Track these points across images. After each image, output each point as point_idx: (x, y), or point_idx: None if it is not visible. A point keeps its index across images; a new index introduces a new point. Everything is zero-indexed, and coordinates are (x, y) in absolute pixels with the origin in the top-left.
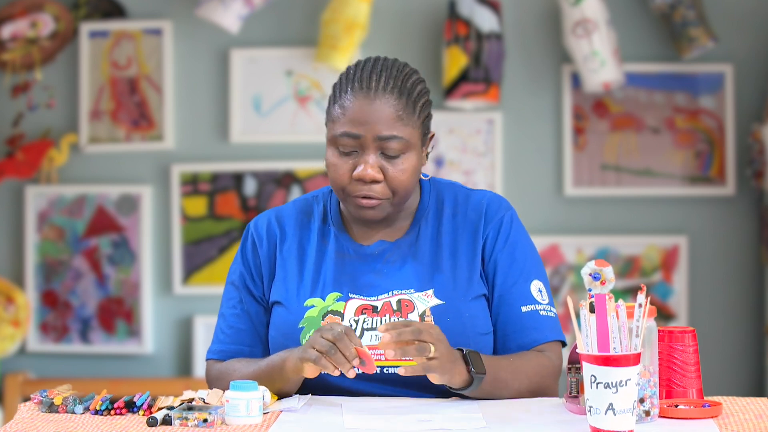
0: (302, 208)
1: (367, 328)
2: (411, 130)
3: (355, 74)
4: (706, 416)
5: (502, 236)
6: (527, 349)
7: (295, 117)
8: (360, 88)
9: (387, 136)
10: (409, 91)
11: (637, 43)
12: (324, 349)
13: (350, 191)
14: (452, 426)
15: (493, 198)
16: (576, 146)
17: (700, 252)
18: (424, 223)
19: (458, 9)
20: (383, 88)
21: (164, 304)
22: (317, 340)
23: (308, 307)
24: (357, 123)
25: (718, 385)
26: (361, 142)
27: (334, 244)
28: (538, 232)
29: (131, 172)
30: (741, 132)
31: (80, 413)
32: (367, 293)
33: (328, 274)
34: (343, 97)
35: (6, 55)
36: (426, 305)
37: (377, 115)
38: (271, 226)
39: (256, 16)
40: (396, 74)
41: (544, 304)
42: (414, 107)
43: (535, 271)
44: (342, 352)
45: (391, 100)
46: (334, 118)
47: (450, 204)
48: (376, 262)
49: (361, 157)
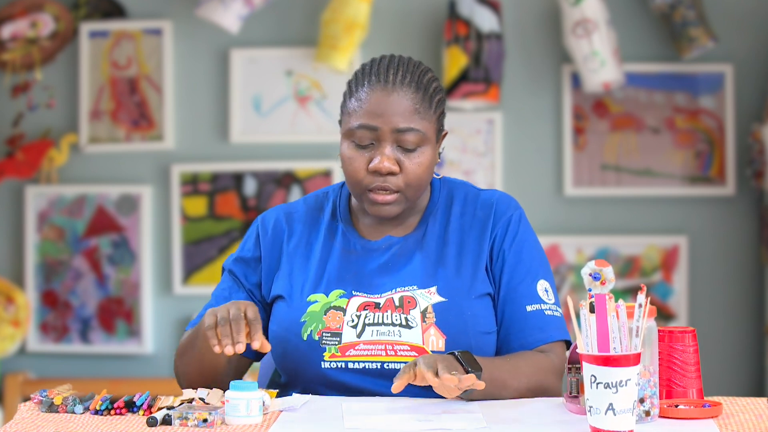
0: (312, 205)
1: (368, 323)
2: (427, 124)
3: (372, 69)
4: (706, 416)
5: (510, 235)
6: (530, 348)
7: (295, 117)
8: (377, 81)
9: (404, 129)
10: (426, 86)
11: (637, 43)
12: (220, 321)
13: (366, 184)
14: (452, 426)
15: (503, 197)
16: (576, 146)
17: (700, 252)
18: (432, 220)
19: (458, 9)
20: (401, 81)
21: (164, 304)
22: (221, 310)
23: (311, 302)
24: (374, 115)
25: (718, 385)
26: (378, 134)
27: (341, 241)
28: (538, 232)
29: (131, 172)
30: (741, 132)
31: (80, 413)
32: (371, 291)
33: (332, 270)
34: (360, 90)
35: (6, 55)
36: (428, 302)
37: (395, 108)
38: (279, 222)
39: (256, 16)
40: (413, 69)
41: (549, 304)
42: (430, 102)
43: (542, 270)
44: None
45: (408, 93)
46: (350, 112)
47: (459, 202)
48: (382, 257)
49: (377, 150)
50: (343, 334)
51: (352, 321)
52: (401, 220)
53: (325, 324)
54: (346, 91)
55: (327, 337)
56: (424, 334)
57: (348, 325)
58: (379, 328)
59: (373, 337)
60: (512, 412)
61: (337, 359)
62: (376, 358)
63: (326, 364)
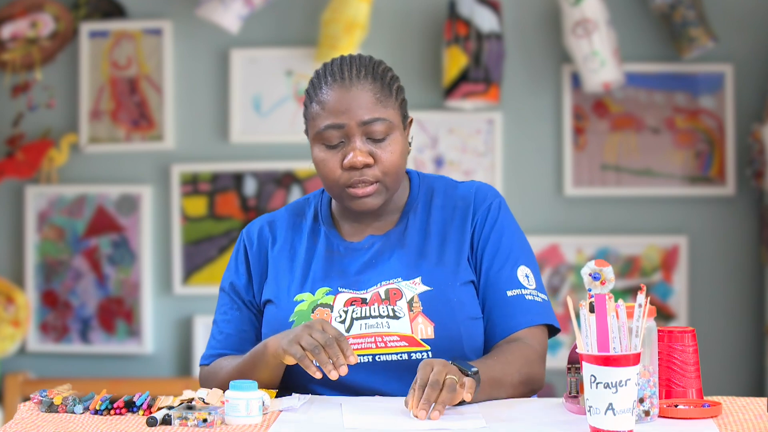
0: (294, 211)
1: (356, 317)
2: (392, 112)
3: (326, 71)
4: (705, 416)
5: (489, 222)
6: (512, 332)
7: (295, 117)
8: (334, 81)
9: (370, 120)
10: (382, 75)
11: (637, 43)
12: (309, 348)
13: (343, 182)
14: (452, 426)
15: (482, 186)
16: (576, 146)
17: (700, 252)
18: (412, 214)
19: (458, 9)
20: (356, 76)
21: (164, 304)
22: (304, 337)
23: (298, 301)
24: (338, 113)
25: (718, 385)
26: (345, 131)
27: (324, 242)
28: (538, 232)
29: (131, 172)
30: (741, 132)
31: (80, 413)
32: (356, 287)
33: (317, 270)
34: (319, 93)
35: (6, 55)
36: (414, 292)
37: (357, 102)
38: (263, 231)
39: (256, 16)
40: (366, 63)
41: (530, 289)
42: (390, 90)
43: (523, 256)
44: (331, 358)
45: (367, 86)
46: (314, 116)
47: (440, 195)
48: (365, 255)
49: (348, 146)
50: None
51: (339, 317)
52: (381, 217)
53: None
54: (306, 100)
55: None
56: (412, 323)
57: (336, 320)
58: (367, 321)
59: (362, 330)
60: (512, 411)
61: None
62: (366, 351)
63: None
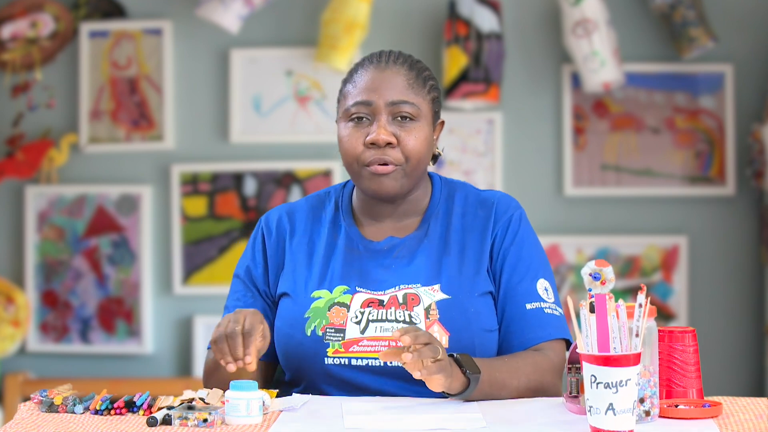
0: (314, 204)
1: (372, 319)
2: (421, 101)
3: (366, 57)
4: (706, 416)
5: (510, 234)
6: (530, 345)
7: (295, 117)
8: (371, 63)
9: (398, 101)
10: (418, 68)
11: (637, 43)
12: (215, 337)
13: (364, 159)
14: (452, 426)
15: (503, 197)
16: (576, 146)
17: (700, 252)
18: (433, 220)
19: (458, 9)
20: (393, 61)
21: (164, 304)
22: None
23: (315, 298)
24: (369, 91)
25: (718, 385)
26: (373, 108)
27: (344, 239)
28: (538, 232)
29: (131, 172)
30: (741, 132)
31: (80, 413)
32: (375, 287)
33: (336, 267)
34: (355, 75)
35: (6, 55)
36: (432, 299)
37: (388, 83)
38: (282, 221)
39: (256, 16)
40: (406, 55)
41: (549, 303)
42: (424, 83)
43: (542, 270)
44: (230, 349)
45: (402, 71)
46: (345, 95)
47: (460, 203)
48: (385, 258)
49: (373, 124)
50: (347, 331)
51: (356, 317)
52: (402, 217)
53: (329, 320)
54: (343, 82)
55: (331, 333)
56: (427, 330)
57: (352, 321)
58: (382, 325)
59: (376, 333)
60: (512, 412)
61: (341, 355)
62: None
63: (329, 360)
